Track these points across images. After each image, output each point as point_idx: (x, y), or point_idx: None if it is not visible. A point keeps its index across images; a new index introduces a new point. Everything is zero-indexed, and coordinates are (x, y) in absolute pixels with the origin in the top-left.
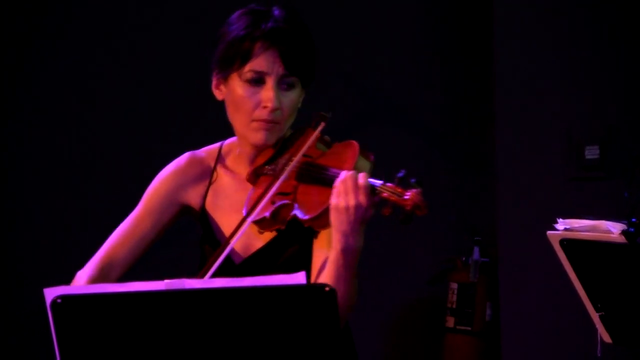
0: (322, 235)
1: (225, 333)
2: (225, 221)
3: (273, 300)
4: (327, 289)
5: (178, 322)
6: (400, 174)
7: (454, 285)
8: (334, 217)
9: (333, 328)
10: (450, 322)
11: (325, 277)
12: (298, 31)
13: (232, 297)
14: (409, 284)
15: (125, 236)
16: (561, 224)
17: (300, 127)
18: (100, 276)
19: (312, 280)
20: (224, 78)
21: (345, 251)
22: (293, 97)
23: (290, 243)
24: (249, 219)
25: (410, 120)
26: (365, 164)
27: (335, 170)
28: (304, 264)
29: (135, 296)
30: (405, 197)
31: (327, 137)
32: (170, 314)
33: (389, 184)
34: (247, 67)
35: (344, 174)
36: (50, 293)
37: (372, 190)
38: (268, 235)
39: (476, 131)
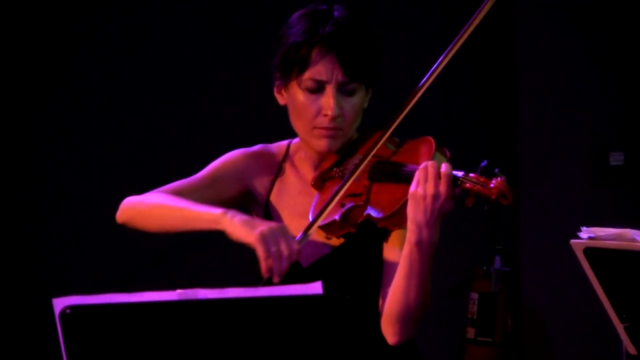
0: (395, 235)
1: (240, 344)
2: (288, 223)
3: (289, 311)
4: (344, 299)
5: (191, 333)
6: (482, 164)
7: (475, 296)
8: (410, 207)
9: (352, 340)
10: (471, 333)
11: (398, 273)
12: (358, 33)
13: (247, 308)
14: None
15: (189, 185)
16: (585, 232)
17: (367, 129)
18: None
19: (384, 281)
20: (284, 84)
21: (419, 244)
22: (356, 101)
23: (360, 249)
24: (317, 224)
25: (430, 124)
26: (441, 159)
27: (411, 166)
28: (375, 270)
29: (147, 306)
30: (491, 185)
31: (396, 138)
32: (183, 324)
33: (471, 174)
34: (306, 75)
35: (426, 162)
36: (59, 303)
37: (454, 181)
38: (336, 241)
39: (497, 137)
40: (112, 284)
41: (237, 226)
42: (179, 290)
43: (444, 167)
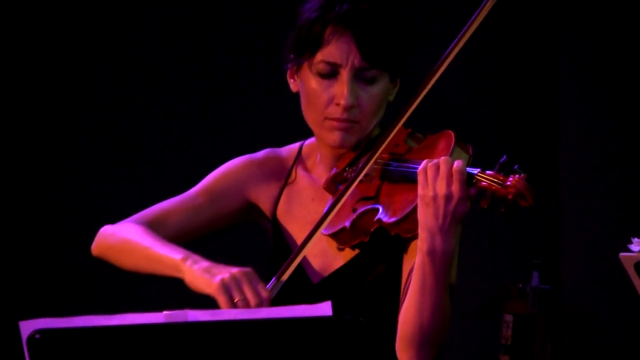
0: (414, 247)
1: None
2: (300, 234)
3: (294, 336)
4: (353, 321)
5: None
6: (502, 160)
7: (509, 318)
8: (420, 211)
9: None
10: None
11: (410, 288)
12: (382, 12)
13: (245, 332)
14: (455, 315)
15: (179, 205)
16: (636, 244)
17: (389, 125)
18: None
19: (402, 299)
20: (297, 67)
21: (432, 254)
22: (375, 92)
23: (377, 261)
24: (321, 229)
25: (466, 126)
26: (461, 156)
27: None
28: (394, 285)
29: (129, 330)
30: (507, 183)
31: (419, 134)
32: (170, 350)
33: (488, 172)
34: (318, 57)
35: (433, 159)
36: (27, 327)
37: (468, 179)
38: (350, 253)
39: (537, 136)
40: (88, 304)
41: (196, 275)
42: (166, 312)
43: (456, 164)
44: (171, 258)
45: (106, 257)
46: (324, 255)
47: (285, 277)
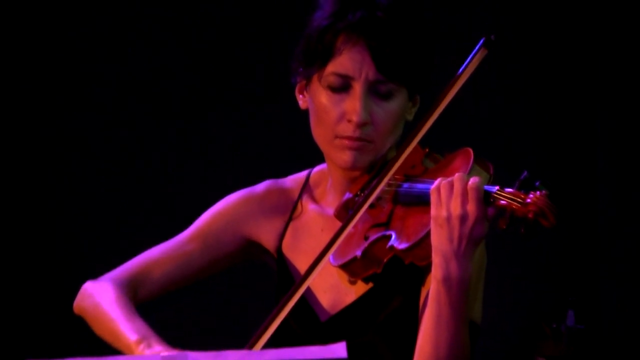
0: (430, 280)
1: None
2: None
3: None
4: None
5: None
6: (522, 176)
7: None
8: (433, 233)
9: None
10: None
11: (425, 320)
12: (399, 21)
13: None
14: (481, 357)
15: (166, 255)
16: None
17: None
18: (131, 291)
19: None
20: (306, 80)
21: (447, 281)
22: (392, 108)
23: (392, 295)
24: (327, 256)
25: (496, 143)
26: (481, 175)
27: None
28: (411, 321)
29: None
30: (527, 201)
31: (437, 154)
32: None
33: (507, 189)
34: (329, 69)
35: (449, 178)
36: None
37: (485, 197)
38: (362, 286)
39: (573, 155)
40: (79, 344)
41: None
42: (163, 354)
43: (472, 181)
44: (127, 338)
45: (83, 318)
46: (334, 290)
47: (258, 347)
